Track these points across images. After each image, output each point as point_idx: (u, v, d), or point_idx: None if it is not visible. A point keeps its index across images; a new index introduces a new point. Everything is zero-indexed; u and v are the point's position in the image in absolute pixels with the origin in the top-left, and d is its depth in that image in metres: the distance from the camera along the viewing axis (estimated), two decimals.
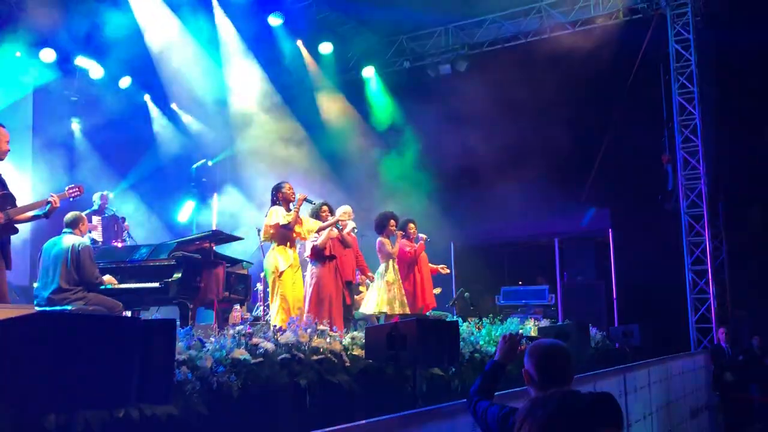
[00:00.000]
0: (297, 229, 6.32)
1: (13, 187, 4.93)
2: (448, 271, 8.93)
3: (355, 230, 7.45)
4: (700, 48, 10.30)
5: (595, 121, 10.81)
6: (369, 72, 12.31)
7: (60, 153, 10.78)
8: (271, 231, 6.21)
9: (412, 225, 8.04)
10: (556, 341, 2.60)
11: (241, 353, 3.70)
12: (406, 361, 4.51)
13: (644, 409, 6.31)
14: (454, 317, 7.95)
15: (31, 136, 10.65)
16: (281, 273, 6.04)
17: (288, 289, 6.03)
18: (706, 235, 10.06)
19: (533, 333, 7.02)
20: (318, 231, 6.57)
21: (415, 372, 4.67)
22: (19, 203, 4.80)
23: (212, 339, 3.75)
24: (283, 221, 6.15)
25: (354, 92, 12.35)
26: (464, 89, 11.87)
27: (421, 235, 8.12)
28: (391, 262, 7.46)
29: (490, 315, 7.29)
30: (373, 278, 7.55)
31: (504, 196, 11.23)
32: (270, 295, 6.19)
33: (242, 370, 3.66)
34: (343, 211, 7.52)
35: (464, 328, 6.25)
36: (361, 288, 8.41)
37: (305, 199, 6.38)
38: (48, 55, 10.43)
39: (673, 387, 7.46)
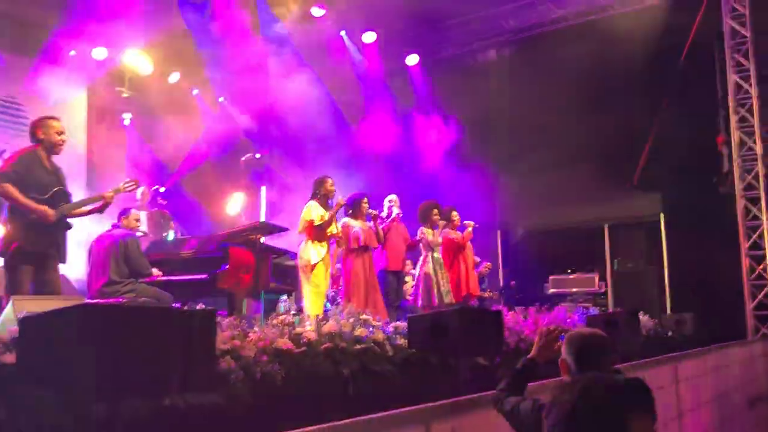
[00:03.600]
0: (329, 229, 6.46)
1: (69, 182, 5.10)
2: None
3: (400, 215, 7.46)
4: (756, 24, 9.90)
5: (645, 103, 10.52)
6: (413, 60, 12.25)
7: (113, 148, 11.09)
8: (305, 226, 6.33)
9: (455, 213, 8.01)
10: (596, 330, 2.55)
11: (284, 343, 3.74)
12: (449, 351, 4.50)
13: (697, 399, 6.16)
14: (501, 306, 7.88)
15: (85, 133, 11.00)
16: (313, 266, 6.21)
17: (321, 280, 6.19)
18: (764, 219, 9.71)
19: (581, 322, 6.90)
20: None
21: (458, 362, 4.66)
22: (75, 198, 4.96)
23: (256, 329, 3.81)
24: (316, 222, 6.29)
25: (398, 80, 12.30)
26: (508, 74, 11.73)
27: (466, 222, 8.08)
28: (431, 253, 7.46)
29: (537, 304, 7.20)
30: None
31: (551, 182, 11.06)
32: (302, 286, 6.33)
33: (286, 359, 3.71)
34: (389, 200, 7.56)
35: (510, 317, 6.19)
36: (407, 278, 8.43)
37: (342, 205, 6.52)
38: (100, 52, 10.73)
39: (729, 376, 7.25)
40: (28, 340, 2.44)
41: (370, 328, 4.43)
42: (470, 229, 8.02)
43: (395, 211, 7.39)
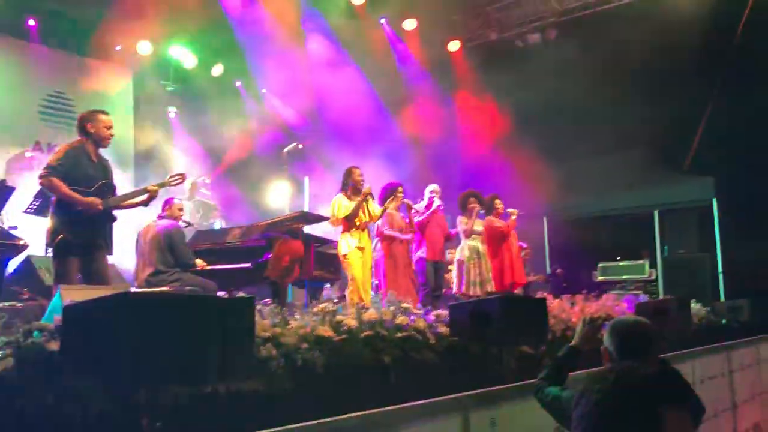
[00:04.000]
0: (360, 215, 6.46)
1: (116, 175, 5.20)
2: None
3: (441, 206, 7.42)
4: None
5: (698, 84, 10.17)
6: (455, 46, 12.10)
7: (158, 141, 11.29)
8: (333, 219, 6.45)
9: (498, 201, 7.91)
10: (640, 318, 2.45)
11: (324, 330, 3.74)
12: (492, 339, 4.45)
13: (752, 389, 5.95)
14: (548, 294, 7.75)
15: (132, 127, 11.22)
16: (345, 255, 6.28)
17: (357, 270, 6.22)
18: None
19: (630, 309, 6.73)
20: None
21: (501, 350, 4.60)
22: (122, 191, 5.05)
23: (297, 316, 3.82)
24: (341, 215, 6.33)
25: (440, 67, 12.17)
26: (555, 58, 11.47)
27: (510, 210, 7.98)
28: (467, 241, 7.40)
29: (585, 291, 7.05)
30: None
31: (600, 167, 10.82)
32: (341, 275, 6.37)
33: (326, 347, 3.70)
34: (430, 190, 7.51)
35: (556, 304, 6.08)
36: (450, 267, 8.38)
37: (368, 195, 6.49)
38: (145, 47, 10.91)
39: None
40: (71, 328, 2.48)
41: (412, 316, 4.39)
42: (514, 217, 7.92)
43: (436, 201, 7.33)
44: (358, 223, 6.49)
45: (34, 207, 6.36)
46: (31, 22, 9.84)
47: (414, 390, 4.11)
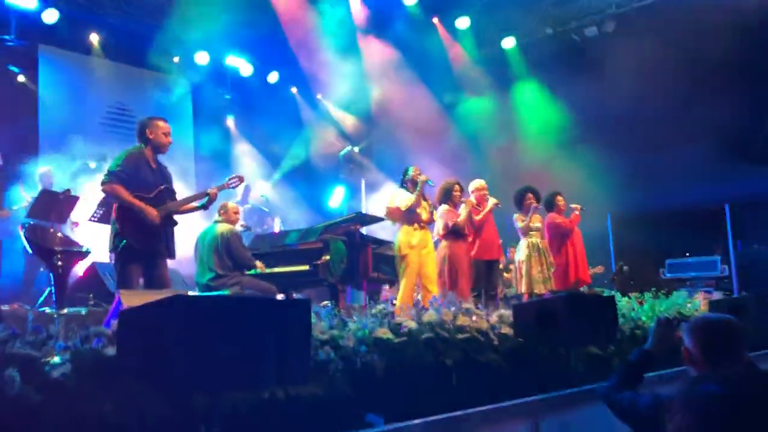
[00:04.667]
0: (419, 210, 6.27)
1: (177, 181, 5.25)
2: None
3: (499, 206, 7.22)
4: None
5: None
6: (509, 43, 11.87)
7: (218, 148, 11.46)
8: (393, 214, 6.23)
9: (560, 197, 7.68)
10: (724, 315, 2.26)
11: (383, 332, 3.65)
12: (558, 340, 4.27)
13: None
14: (613, 293, 7.47)
15: (192, 135, 11.43)
16: (404, 255, 6.09)
17: (413, 270, 6.05)
18: None
19: (703, 307, 6.41)
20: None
21: (568, 351, 4.42)
22: (182, 196, 5.08)
23: (355, 318, 3.74)
24: (403, 206, 6.16)
25: (495, 66, 11.96)
26: (614, 52, 11.11)
27: (573, 205, 7.75)
28: (525, 239, 7.20)
29: (653, 289, 6.76)
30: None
31: (666, 160, 10.40)
32: (399, 276, 6.23)
33: (385, 349, 3.61)
34: (477, 187, 7.25)
35: (624, 303, 5.84)
36: (510, 266, 8.19)
37: (426, 182, 6.32)
38: (202, 57, 11.10)
39: None
40: (128, 333, 2.46)
41: (473, 317, 4.26)
42: (577, 212, 7.68)
43: (492, 200, 7.12)
44: (422, 219, 6.34)
45: (99, 215, 6.51)
46: (93, 38, 10.12)
47: (478, 394, 3.98)
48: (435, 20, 11.53)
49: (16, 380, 2.28)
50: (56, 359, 2.51)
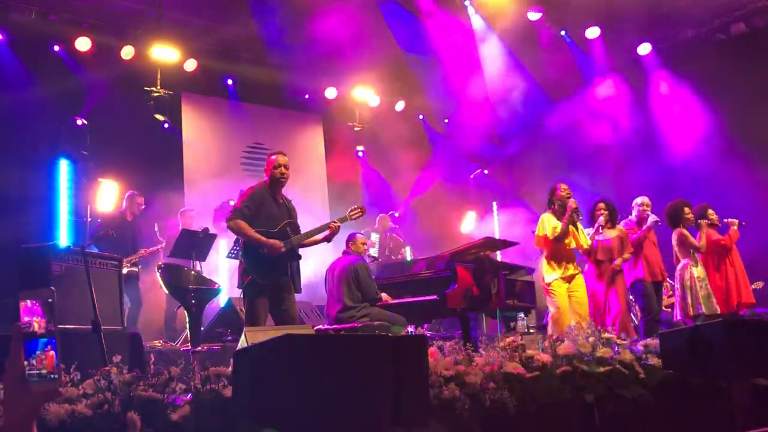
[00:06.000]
0: (567, 240, 5.94)
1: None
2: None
3: (658, 223, 6.73)
4: None
5: None
6: (645, 49, 11.17)
7: (350, 179, 11.67)
8: (541, 242, 5.97)
9: (711, 211, 7.01)
10: None
11: (514, 367, 3.41)
12: (716, 371, 3.80)
13: None
14: None
15: (324, 167, 11.72)
16: (549, 284, 5.80)
17: (561, 299, 5.73)
18: None
19: None
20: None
21: (729, 384, 3.92)
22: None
23: (482, 352, 3.52)
24: (551, 235, 5.86)
25: (632, 74, 11.30)
26: (766, 48, 10.14)
27: (728, 220, 7.04)
28: (692, 258, 6.59)
29: None
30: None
31: None
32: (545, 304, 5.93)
33: (517, 385, 3.36)
34: (639, 203, 6.85)
35: None
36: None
37: (574, 210, 5.96)
38: (331, 92, 11.41)
39: None
40: (241, 373, 2.42)
41: (615, 348, 3.90)
42: (735, 227, 6.96)
43: (652, 217, 6.64)
44: (569, 247, 6.03)
45: (236, 252, 6.73)
46: (229, 81, 10.68)
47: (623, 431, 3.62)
48: (562, 32, 11.10)
49: (137, 424, 2.29)
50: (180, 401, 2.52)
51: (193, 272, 5.22)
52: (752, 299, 6.97)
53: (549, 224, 6.01)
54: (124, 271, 6.81)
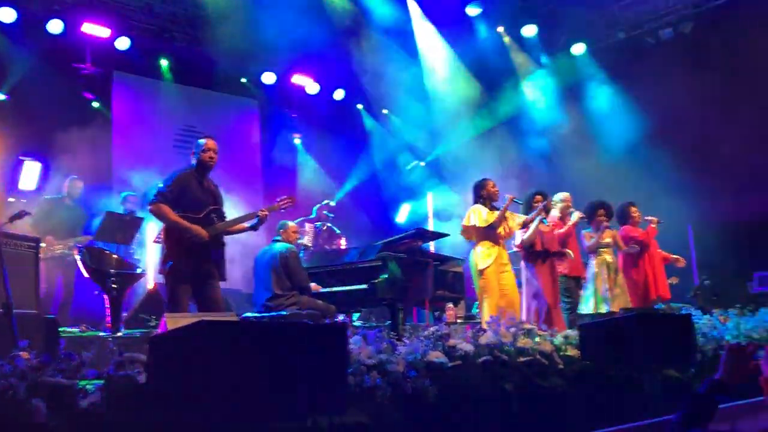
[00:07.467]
0: (500, 229, 6.02)
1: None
2: (684, 262, 7.89)
3: (583, 219, 6.90)
4: None
5: None
6: (579, 49, 11.46)
7: (285, 167, 11.55)
8: (471, 230, 6.02)
9: (634, 209, 7.27)
10: None
11: (436, 356, 3.45)
12: (630, 362, 3.96)
13: None
14: (695, 309, 6.98)
15: (260, 154, 11.56)
16: (482, 271, 5.84)
17: (493, 287, 5.80)
18: None
19: None
20: (523, 226, 6.19)
21: (642, 375, 4.09)
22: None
23: (406, 341, 3.55)
24: (481, 224, 5.93)
25: (564, 73, 11.57)
26: (691, 54, 10.56)
27: (649, 218, 7.31)
28: (595, 257, 6.82)
29: (739, 305, 6.25)
30: None
31: (752, 167, 9.73)
32: (477, 295, 5.99)
33: (438, 374, 3.41)
34: (561, 199, 6.99)
35: (705, 321, 5.41)
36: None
37: (513, 200, 6.06)
38: (269, 77, 11.23)
39: None
40: (157, 359, 2.37)
41: (536, 338, 4.00)
42: (654, 225, 7.24)
43: (576, 214, 6.80)
44: (500, 234, 6.09)
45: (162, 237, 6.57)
46: (163, 62, 10.39)
47: (541, 422, 3.72)
48: (500, 29, 11.26)
49: (42, 410, 2.21)
50: (90, 387, 2.45)
51: (114, 256, 5.07)
52: (668, 294, 7.27)
53: (480, 215, 6.07)
54: (58, 253, 6.61)
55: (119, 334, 4.43)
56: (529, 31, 11.17)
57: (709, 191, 10.14)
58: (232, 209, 5.49)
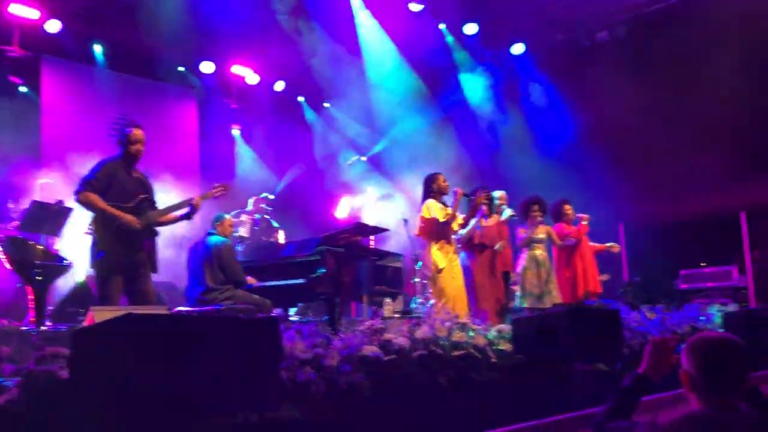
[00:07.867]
0: (453, 224, 6.11)
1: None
2: (618, 248, 8.12)
3: (514, 217, 7.02)
4: None
5: None
6: (518, 49, 11.65)
7: (223, 159, 11.34)
8: (427, 225, 6.01)
9: (567, 206, 7.45)
10: (725, 334, 2.05)
11: (371, 350, 3.45)
12: (560, 356, 4.05)
13: None
14: (624, 305, 7.20)
15: (197, 145, 11.32)
16: (440, 270, 5.91)
17: (448, 284, 5.86)
18: None
19: (718, 319, 6.15)
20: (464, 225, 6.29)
21: (571, 368, 4.19)
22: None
23: (341, 335, 3.54)
24: (441, 219, 5.97)
25: (503, 72, 11.76)
26: (627, 57, 10.88)
27: (580, 215, 7.51)
28: (527, 252, 6.97)
29: (666, 301, 6.49)
30: None
31: (680, 167, 10.11)
32: (433, 292, 6.01)
33: (373, 368, 3.41)
34: (497, 197, 7.12)
35: (633, 316, 5.59)
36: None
37: (463, 195, 6.13)
38: (207, 66, 11.00)
39: None
40: (80, 354, 2.28)
41: (470, 333, 4.04)
42: (585, 222, 7.44)
43: (507, 211, 6.92)
44: (455, 230, 6.14)
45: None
46: (97, 47, 10.04)
47: (475, 415, 3.76)
48: (442, 26, 11.34)
49: None
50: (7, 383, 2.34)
51: (40, 247, 4.86)
52: (599, 289, 7.49)
53: (437, 209, 6.10)
54: None
55: (43, 328, 4.25)
56: (471, 29, 11.28)
57: (641, 192, 10.50)
58: (167, 200, 5.34)
